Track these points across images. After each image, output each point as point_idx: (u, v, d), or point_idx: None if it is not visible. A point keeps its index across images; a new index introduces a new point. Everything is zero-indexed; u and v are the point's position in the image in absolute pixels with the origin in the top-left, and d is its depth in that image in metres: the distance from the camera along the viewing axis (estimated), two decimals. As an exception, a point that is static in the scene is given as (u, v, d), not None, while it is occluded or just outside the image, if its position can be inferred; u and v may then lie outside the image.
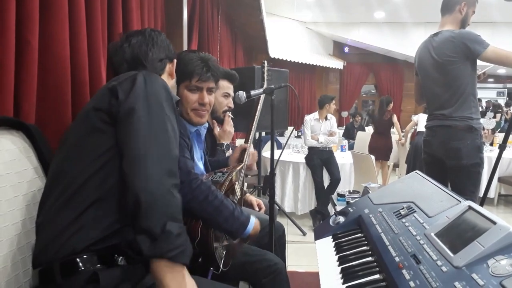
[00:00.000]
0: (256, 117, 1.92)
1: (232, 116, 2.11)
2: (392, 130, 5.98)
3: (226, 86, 1.98)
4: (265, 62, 2.01)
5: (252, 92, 1.83)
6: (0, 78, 1.06)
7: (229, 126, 2.11)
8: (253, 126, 1.90)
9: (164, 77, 1.25)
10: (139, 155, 0.91)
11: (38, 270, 0.97)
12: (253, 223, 1.34)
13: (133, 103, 0.98)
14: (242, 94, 1.81)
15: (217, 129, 2.15)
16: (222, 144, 2.11)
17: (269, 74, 2.01)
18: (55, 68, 1.26)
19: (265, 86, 1.98)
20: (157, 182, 0.89)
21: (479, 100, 6.14)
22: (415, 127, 5.82)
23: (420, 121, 5.36)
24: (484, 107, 9.59)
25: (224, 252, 1.42)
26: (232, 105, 2.02)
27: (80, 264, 0.92)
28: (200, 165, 1.59)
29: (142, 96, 0.99)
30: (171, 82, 1.30)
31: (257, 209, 1.96)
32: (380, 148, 5.71)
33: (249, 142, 1.84)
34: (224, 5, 4.92)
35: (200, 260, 1.33)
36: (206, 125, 1.60)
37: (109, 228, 0.95)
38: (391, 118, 5.70)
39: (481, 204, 2.28)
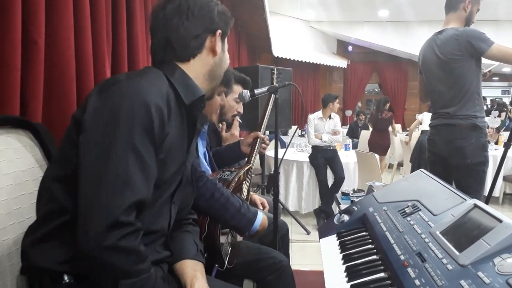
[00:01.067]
0: (267, 112, 1.92)
1: (240, 121, 2.12)
2: (389, 129, 6.25)
3: (239, 91, 1.99)
4: (275, 69, 2.02)
5: (256, 91, 1.83)
6: (7, 78, 1.07)
7: (237, 130, 2.12)
8: (265, 119, 1.91)
9: (203, 55, 1.03)
10: (82, 203, 0.81)
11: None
12: (260, 219, 1.36)
13: (86, 129, 0.85)
14: (246, 92, 1.82)
15: (224, 132, 2.16)
16: None
17: (279, 78, 2.00)
18: (60, 67, 1.27)
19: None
20: (96, 242, 0.78)
21: (484, 98, 6.13)
22: (420, 125, 5.84)
23: (425, 119, 5.36)
24: (488, 106, 9.53)
25: (230, 249, 1.42)
26: (241, 111, 2.02)
27: (54, 277, 0.87)
28: (204, 161, 1.60)
29: (103, 119, 0.85)
30: (211, 60, 1.05)
31: (261, 207, 1.96)
32: (378, 144, 6.01)
33: (261, 131, 1.86)
34: (227, 4, 4.91)
35: (205, 255, 1.34)
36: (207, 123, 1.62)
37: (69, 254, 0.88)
38: (390, 118, 6.07)
39: (486, 203, 2.27)
